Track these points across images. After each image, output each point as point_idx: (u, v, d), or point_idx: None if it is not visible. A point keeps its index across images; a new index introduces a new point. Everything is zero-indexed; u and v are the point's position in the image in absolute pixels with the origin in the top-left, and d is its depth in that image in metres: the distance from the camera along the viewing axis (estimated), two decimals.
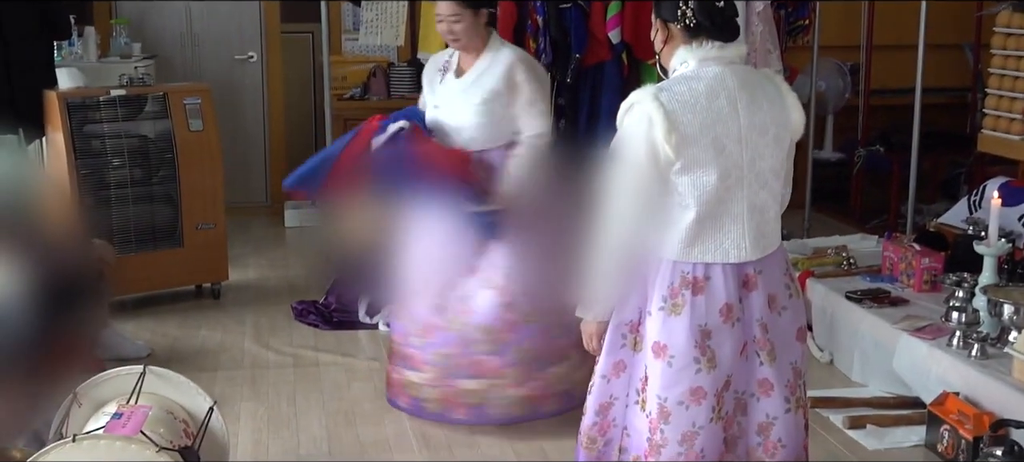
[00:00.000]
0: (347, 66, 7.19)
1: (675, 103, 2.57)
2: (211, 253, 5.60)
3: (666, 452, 2.66)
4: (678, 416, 2.65)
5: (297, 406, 4.34)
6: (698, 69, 2.64)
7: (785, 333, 2.75)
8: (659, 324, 2.65)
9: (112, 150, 5.26)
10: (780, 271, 2.76)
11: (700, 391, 2.64)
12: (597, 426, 2.83)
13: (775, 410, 2.73)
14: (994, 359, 3.92)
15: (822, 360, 4.76)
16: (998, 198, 4.32)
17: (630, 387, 2.78)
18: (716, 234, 2.63)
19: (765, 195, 2.67)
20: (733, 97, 2.62)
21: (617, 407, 2.80)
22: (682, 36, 2.68)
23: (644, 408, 2.72)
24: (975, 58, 7.33)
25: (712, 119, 2.58)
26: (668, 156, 2.55)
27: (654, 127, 2.54)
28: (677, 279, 2.63)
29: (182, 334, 5.17)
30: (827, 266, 5.15)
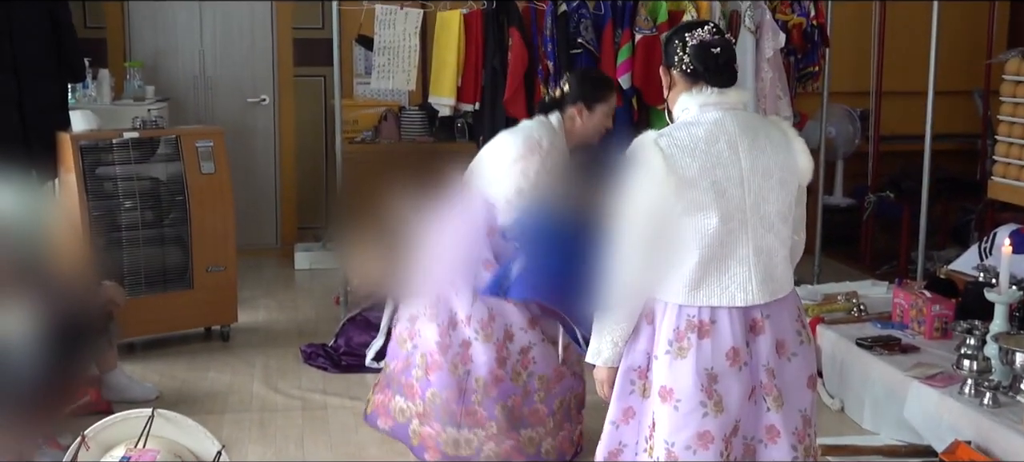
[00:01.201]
0: (358, 110, 7.22)
1: (673, 148, 2.61)
2: (221, 296, 5.60)
3: None
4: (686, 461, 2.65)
5: (305, 450, 4.33)
6: (698, 115, 2.69)
7: (794, 379, 2.75)
8: (665, 368, 2.66)
9: (124, 192, 5.28)
10: (790, 317, 2.75)
11: (707, 435, 2.63)
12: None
13: (782, 457, 2.72)
14: (1006, 407, 3.89)
15: (833, 407, 4.73)
16: (1009, 245, 4.30)
17: (639, 435, 2.78)
18: (721, 277, 2.64)
19: (772, 239, 2.68)
20: (733, 141, 2.65)
21: (627, 453, 2.80)
22: (683, 82, 2.74)
23: (651, 454, 2.71)
24: (985, 105, 7.34)
25: (711, 163, 2.61)
26: (668, 199, 2.58)
27: (653, 171, 2.58)
28: (683, 323, 2.64)
29: (191, 377, 5.16)
30: (837, 312, 5.13)
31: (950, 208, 7.63)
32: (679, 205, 2.59)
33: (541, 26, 5.64)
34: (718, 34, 2.76)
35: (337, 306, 5.99)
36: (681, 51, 2.73)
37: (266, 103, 7.55)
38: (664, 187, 2.57)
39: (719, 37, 2.75)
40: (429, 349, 3.98)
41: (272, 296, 6.66)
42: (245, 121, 7.49)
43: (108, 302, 4.71)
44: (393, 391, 4.13)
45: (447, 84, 5.66)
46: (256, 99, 7.53)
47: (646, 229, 2.62)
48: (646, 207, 2.61)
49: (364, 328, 5.39)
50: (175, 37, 7.37)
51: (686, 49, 2.72)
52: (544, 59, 5.62)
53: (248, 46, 7.47)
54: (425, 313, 4.02)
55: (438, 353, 3.95)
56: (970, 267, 5.41)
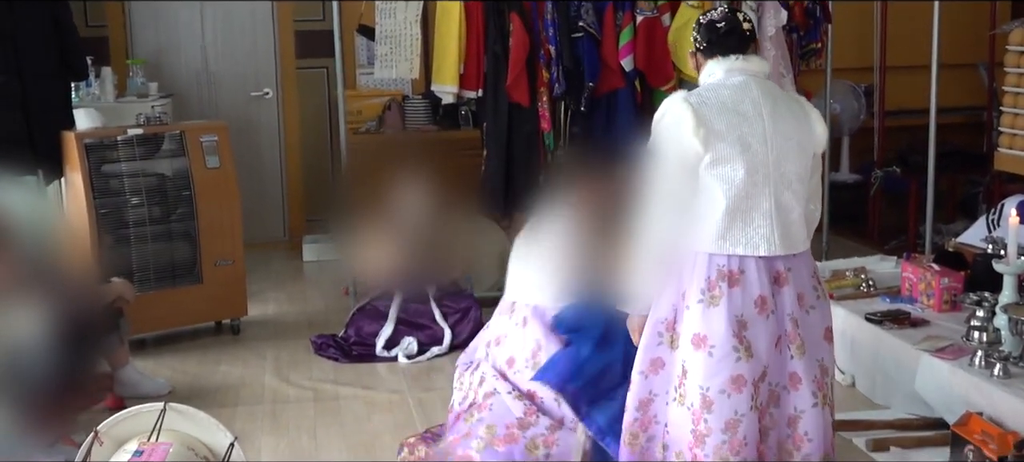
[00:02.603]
0: (362, 100, 7.22)
1: (702, 105, 2.83)
2: (230, 289, 5.62)
3: (710, 440, 2.80)
4: (721, 405, 2.79)
5: (318, 440, 4.34)
6: (724, 78, 2.92)
7: (814, 330, 2.95)
8: (698, 316, 2.82)
9: (130, 189, 5.30)
10: (808, 272, 2.96)
11: (740, 379, 2.79)
12: (639, 422, 2.97)
13: (803, 404, 2.89)
14: (1017, 378, 3.89)
15: (844, 382, 4.73)
16: (1016, 216, 4.29)
17: (668, 384, 2.91)
18: (746, 227, 2.82)
19: (789, 196, 2.87)
20: (757, 103, 2.87)
21: (658, 403, 2.94)
22: (703, 57, 3.00)
23: (683, 402, 2.85)
24: (990, 77, 7.32)
25: (738, 120, 2.82)
26: (697, 150, 2.78)
27: (683, 125, 2.79)
28: (714, 272, 2.82)
29: (202, 370, 5.18)
30: (846, 288, 5.13)
31: (957, 181, 7.63)
32: (708, 156, 2.79)
33: (541, 10, 5.63)
34: (728, 13, 3.02)
35: (346, 297, 6.00)
36: (696, 31, 3.04)
37: (269, 96, 7.56)
38: (695, 138, 2.77)
39: (725, 13, 3.02)
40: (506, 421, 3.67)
41: (281, 288, 6.67)
42: (249, 115, 7.50)
43: (118, 299, 4.72)
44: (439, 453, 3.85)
45: (449, 72, 5.65)
46: (259, 93, 7.54)
47: (678, 180, 2.81)
48: (679, 158, 2.80)
49: (374, 317, 5.40)
50: (177, 33, 7.38)
51: (699, 30, 3.03)
52: (545, 43, 5.61)
53: (250, 40, 7.48)
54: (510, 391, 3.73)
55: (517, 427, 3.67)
56: (978, 239, 5.39)
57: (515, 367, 3.78)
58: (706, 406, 2.81)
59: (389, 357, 5.23)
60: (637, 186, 2.87)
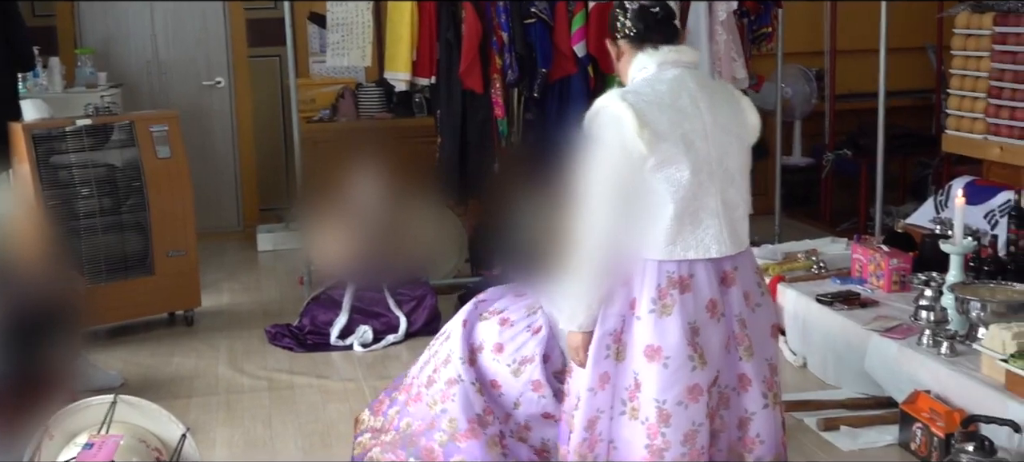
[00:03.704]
0: (315, 88, 7.18)
1: (641, 102, 2.64)
2: (183, 280, 5.58)
3: (669, 454, 2.67)
4: (678, 417, 2.66)
5: (273, 429, 4.33)
6: (658, 73, 2.74)
7: (761, 328, 2.83)
8: (651, 326, 2.67)
9: (80, 180, 5.24)
10: (752, 269, 2.84)
11: (697, 388, 2.67)
12: (586, 442, 2.79)
13: (753, 405, 2.78)
14: (963, 356, 3.95)
15: (795, 364, 4.78)
16: (962, 197, 4.36)
17: (615, 399, 2.76)
18: (695, 230, 2.67)
19: (734, 192, 2.74)
20: (694, 97, 2.71)
21: (603, 421, 2.77)
22: (630, 47, 2.79)
23: (636, 416, 2.70)
24: (938, 60, 7.41)
25: (679, 117, 2.66)
26: (641, 152, 2.60)
27: (624, 126, 2.60)
28: (664, 280, 2.67)
29: (155, 362, 5.14)
30: (798, 270, 5.18)
31: (908, 163, 7.72)
32: (653, 158, 2.61)
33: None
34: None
35: (301, 286, 5.97)
36: (623, 17, 2.79)
37: (222, 85, 7.50)
38: (638, 141, 2.59)
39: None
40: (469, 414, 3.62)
41: (236, 279, 6.63)
42: (201, 104, 7.44)
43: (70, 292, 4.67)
44: (408, 453, 3.75)
45: (402, 59, 5.63)
46: (211, 82, 7.48)
47: (621, 185, 2.63)
48: (620, 162, 2.62)
49: (328, 306, 5.38)
50: (126, 22, 7.30)
51: (627, 14, 2.79)
52: (498, 30, 5.61)
53: (200, 29, 7.41)
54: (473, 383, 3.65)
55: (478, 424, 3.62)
56: (927, 220, 5.48)
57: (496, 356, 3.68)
58: (663, 419, 2.66)
59: (344, 346, 5.22)
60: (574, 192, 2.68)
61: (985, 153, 5.41)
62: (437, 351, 3.84)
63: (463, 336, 3.75)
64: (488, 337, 3.71)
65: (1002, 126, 5.22)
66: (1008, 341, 3.67)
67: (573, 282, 2.72)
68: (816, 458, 3.86)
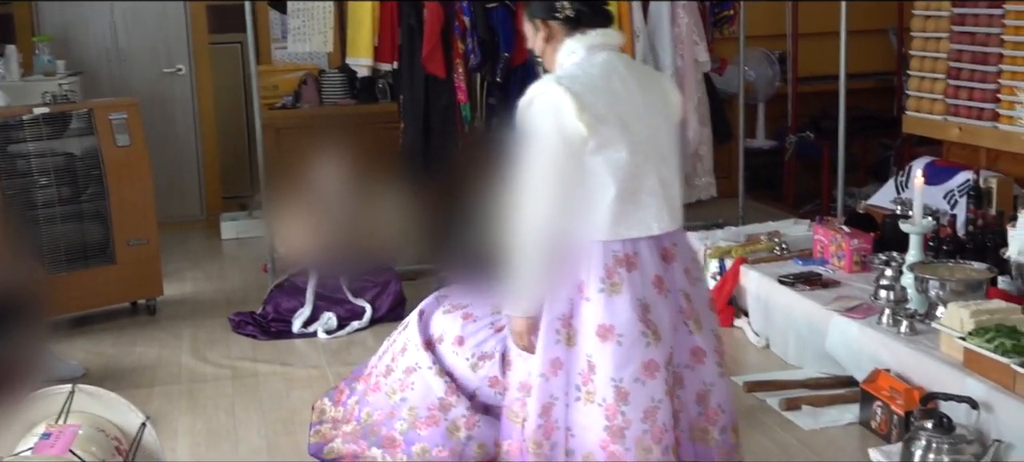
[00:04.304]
0: (278, 75, 7.14)
1: (578, 86, 2.65)
2: (145, 269, 5.53)
3: (630, 433, 2.66)
4: (637, 394, 2.65)
5: (236, 417, 4.31)
6: (587, 56, 2.74)
7: (703, 302, 2.87)
8: (601, 306, 2.67)
9: (38, 169, 5.18)
10: (688, 245, 2.89)
11: (653, 364, 2.67)
12: (542, 429, 2.77)
13: (710, 376, 2.79)
14: (923, 335, 3.99)
15: (758, 345, 4.81)
16: (921, 178, 4.40)
17: (568, 384, 2.73)
18: (637, 209, 2.69)
19: (667, 170, 2.76)
20: (624, 79, 2.73)
21: (558, 407, 2.75)
22: (563, 30, 2.78)
23: (592, 399, 2.69)
24: (899, 41, 7.46)
25: (612, 99, 2.68)
26: (582, 135, 2.61)
27: (563, 111, 2.60)
28: (610, 259, 2.68)
29: (117, 352, 5.10)
30: (760, 252, 5.21)
31: (870, 145, 7.77)
32: (593, 141, 2.63)
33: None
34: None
35: (265, 274, 5.94)
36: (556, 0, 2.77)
37: (182, 73, 7.43)
38: (578, 124, 2.60)
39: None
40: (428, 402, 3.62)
41: (199, 267, 6.59)
42: (162, 92, 7.37)
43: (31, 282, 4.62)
44: (369, 443, 3.72)
45: (363, 44, 5.60)
46: (172, 69, 7.41)
47: (561, 170, 2.63)
48: (560, 147, 2.62)
49: (292, 294, 5.36)
50: (84, 9, 7.20)
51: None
52: (460, 14, 5.59)
53: (160, 15, 7.33)
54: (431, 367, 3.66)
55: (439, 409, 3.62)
56: (888, 201, 5.52)
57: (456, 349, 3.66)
58: (622, 398, 2.65)
59: (308, 333, 5.20)
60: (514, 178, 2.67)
61: (944, 134, 5.46)
62: (395, 340, 3.85)
63: (420, 327, 3.75)
64: (450, 330, 3.70)
65: (961, 107, 5.27)
66: (966, 319, 3.71)
67: (516, 268, 2.71)
68: (778, 438, 3.88)
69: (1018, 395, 3.42)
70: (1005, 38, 4.98)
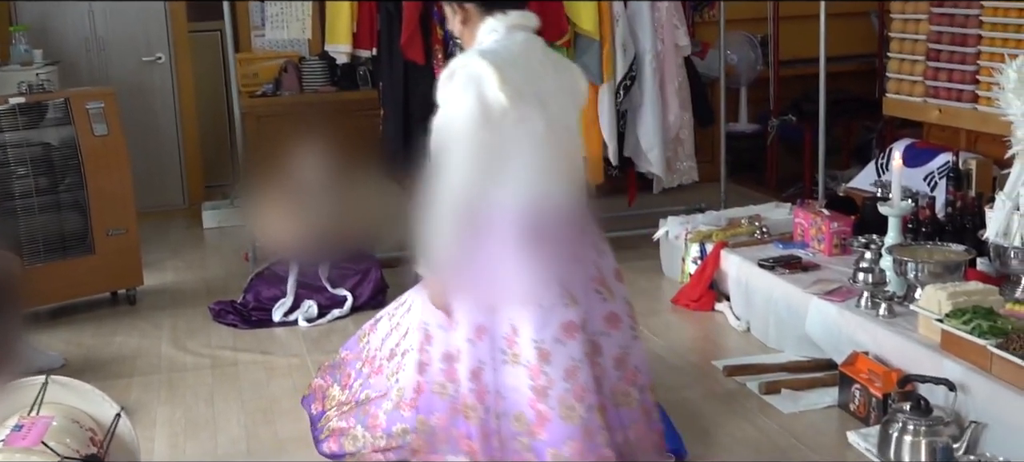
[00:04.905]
0: (258, 62, 7.10)
1: (499, 60, 2.78)
2: (124, 259, 5.51)
3: (553, 391, 2.76)
4: (557, 353, 2.77)
5: (215, 407, 4.29)
6: (507, 34, 2.87)
7: (610, 272, 3.00)
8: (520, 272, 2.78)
9: (15, 159, 5.14)
10: (593, 219, 3.02)
11: (571, 325, 2.79)
12: (474, 393, 2.87)
13: (625, 340, 2.94)
14: (901, 316, 3.99)
15: (739, 328, 4.81)
16: (899, 160, 4.39)
17: (494, 349, 2.84)
18: (551, 180, 2.85)
19: (574, 148, 2.96)
20: (540, 58, 2.90)
21: (487, 372, 2.85)
22: (479, 12, 2.91)
23: (517, 361, 2.79)
24: (880, 24, 7.45)
25: (531, 75, 2.82)
26: (503, 106, 2.73)
27: (486, 83, 2.73)
28: (527, 226, 2.79)
29: (97, 342, 5.08)
30: (741, 235, 5.21)
31: (852, 128, 7.77)
32: (514, 112, 2.74)
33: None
34: None
35: (246, 263, 5.92)
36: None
37: (162, 61, 7.38)
38: (500, 95, 2.72)
39: None
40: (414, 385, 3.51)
41: (180, 256, 6.56)
42: (142, 81, 7.32)
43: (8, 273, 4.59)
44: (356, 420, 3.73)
45: (342, 31, 5.57)
46: (152, 58, 7.36)
47: (482, 139, 2.74)
48: (483, 115, 2.73)
49: (272, 282, 5.34)
50: None
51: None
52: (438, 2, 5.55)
53: (139, 4, 7.27)
54: None
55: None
56: (868, 184, 5.52)
57: None
58: (543, 358, 2.75)
59: (289, 322, 5.18)
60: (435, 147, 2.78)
61: (924, 116, 5.46)
62: (399, 323, 3.84)
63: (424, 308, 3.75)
64: None
65: (940, 88, 5.26)
66: (944, 301, 3.71)
67: (434, 232, 2.79)
68: (758, 422, 3.88)
69: (995, 377, 3.43)
70: (984, 19, 4.97)
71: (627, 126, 5.90)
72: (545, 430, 2.77)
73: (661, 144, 5.86)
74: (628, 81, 5.78)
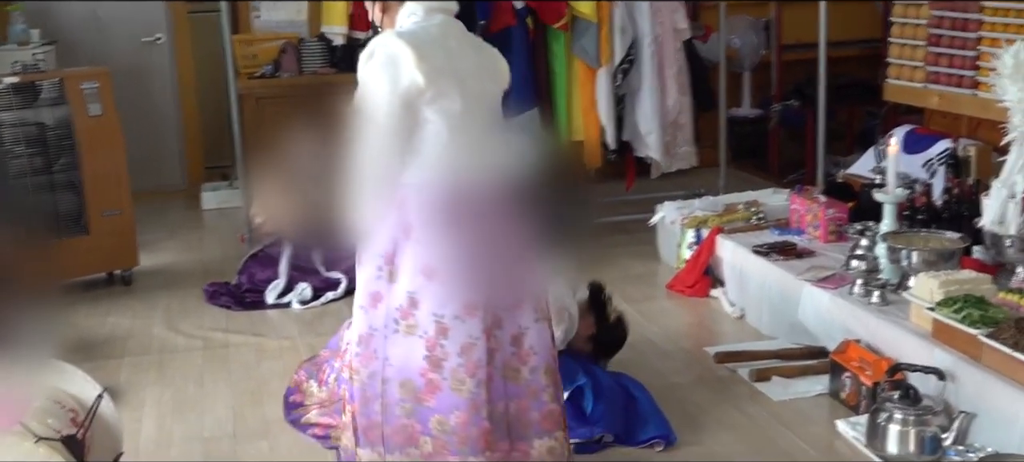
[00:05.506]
0: (257, 44, 7.04)
1: (417, 40, 2.83)
2: (119, 239, 5.50)
3: (447, 364, 2.85)
4: (456, 330, 2.84)
5: (204, 388, 4.28)
6: (426, 17, 2.92)
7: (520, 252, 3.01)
8: (427, 247, 2.84)
9: (9, 139, 5.14)
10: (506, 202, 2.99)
11: (473, 304, 2.85)
12: (360, 357, 2.96)
13: (526, 321, 2.98)
14: (894, 305, 3.96)
15: (734, 315, 4.78)
16: (895, 145, 4.35)
17: (387, 318, 2.90)
18: (466, 158, 2.88)
19: (490, 127, 2.97)
20: (459, 39, 2.94)
21: (377, 338, 2.93)
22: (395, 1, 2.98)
23: (413, 332, 2.87)
24: (885, 9, 7.37)
25: (449, 55, 2.87)
26: (419, 85, 2.78)
27: (402, 62, 2.78)
28: (439, 202, 2.85)
29: (91, 323, 5.07)
30: (737, 221, 5.17)
31: (856, 113, 7.71)
32: (430, 91, 2.79)
33: None
34: None
35: (243, 244, 5.90)
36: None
37: (162, 41, 7.36)
38: (417, 74, 2.77)
39: None
40: None
41: (177, 238, 6.55)
42: (141, 61, 7.30)
43: None
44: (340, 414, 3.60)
45: (338, 12, 5.56)
46: (151, 38, 7.34)
47: (399, 115, 2.80)
48: (399, 93, 2.78)
49: (266, 264, 5.33)
50: None
51: None
52: None
53: None
54: None
55: None
56: (867, 170, 5.47)
57: None
58: (442, 333, 2.85)
59: (283, 304, 5.17)
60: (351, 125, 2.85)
61: (924, 101, 5.40)
62: None
63: None
64: None
65: (941, 74, 5.19)
66: (936, 289, 3.68)
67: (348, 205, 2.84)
68: (747, 409, 3.86)
69: (985, 366, 3.40)
70: (985, 4, 4.91)
71: (625, 110, 5.86)
72: (434, 398, 2.87)
73: (659, 128, 5.82)
74: (626, 65, 5.73)
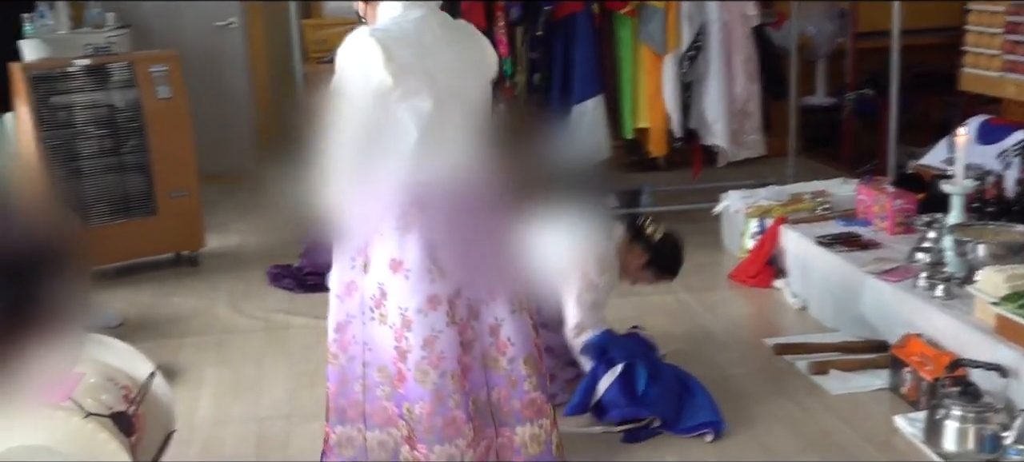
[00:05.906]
0: (326, 29, 7.10)
1: (388, 39, 2.85)
2: (186, 221, 5.58)
3: (412, 356, 2.94)
4: (419, 323, 2.92)
5: (263, 369, 4.33)
6: (404, 12, 2.94)
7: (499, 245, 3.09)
8: (394, 242, 2.91)
9: (81, 121, 5.24)
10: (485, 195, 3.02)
11: (436, 298, 2.93)
12: (338, 342, 3.07)
13: (502, 313, 3.04)
14: (958, 299, 3.84)
15: (796, 306, 4.69)
16: (964, 135, 4.22)
17: (363, 306, 3.00)
18: (437, 155, 2.91)
19: (473, 121, 2.99)
20: (437, 35, 2.93)
21: (355, 325, 3.03)
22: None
23: (384, 321, 2.96)
24: None
25: (422, 52, 2.87)
26: (387, 84, 2.80)
27: (371, 59, 2.80)
28: (406, 200, 2.90)
29: (155, 302, 5.16)
30: (801, 211, 5.07)
31: (934, 103, 7.50)
32: (398, 90, 2.82)
33: None
34: None
35: None
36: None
37: (235, 26, 7.45)
38: (385, 71, 2.79)
39: None
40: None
41: (245, 220, 6.62)
42: (213, 45, 7.40)
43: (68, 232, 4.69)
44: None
45: None
46: (224, 22, 7.43)
47: (368, 113, 2.83)
48: (368, 92, 2.81)
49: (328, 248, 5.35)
50: None
51: None
52: None
53: None
54: None
55: None
56: (939, 161, 5.33)
57: None
58: (406, 325, 2.93)
59: None
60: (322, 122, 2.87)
61: (1001, 90, 5.24)
62: None
63: None
64: None
65: (1019, 62, 5.04)
66: (1001, 284, 3.56)
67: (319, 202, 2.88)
68: (803, 402, 3.78)
69: None
70: None
71: (692, 97, 5.78)
72: (404, 386, 2.97)
73: (726, 116, 5.73)
74: (693, 52, 5.65)
